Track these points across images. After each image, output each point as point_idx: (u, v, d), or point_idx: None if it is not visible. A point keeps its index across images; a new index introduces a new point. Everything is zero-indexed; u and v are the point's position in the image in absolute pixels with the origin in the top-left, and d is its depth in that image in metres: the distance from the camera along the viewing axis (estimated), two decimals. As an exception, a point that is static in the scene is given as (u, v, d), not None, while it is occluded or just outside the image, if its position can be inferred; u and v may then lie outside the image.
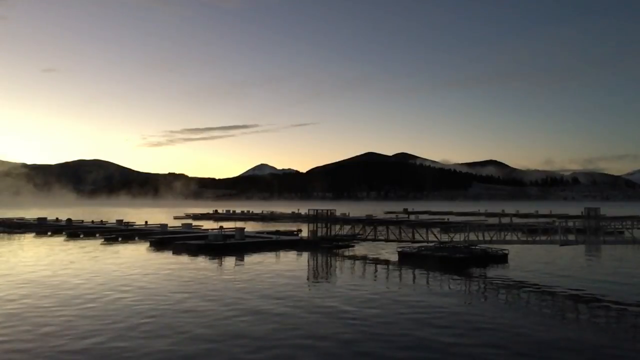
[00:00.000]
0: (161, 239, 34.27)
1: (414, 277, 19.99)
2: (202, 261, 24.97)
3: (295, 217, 77.97)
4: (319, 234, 32.73)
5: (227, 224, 49.64)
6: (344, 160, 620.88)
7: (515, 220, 60.44)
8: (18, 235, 43.33)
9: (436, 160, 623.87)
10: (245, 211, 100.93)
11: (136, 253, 28.83)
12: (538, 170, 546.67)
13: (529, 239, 24.59)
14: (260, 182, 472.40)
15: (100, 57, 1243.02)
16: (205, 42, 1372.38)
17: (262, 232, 41.55)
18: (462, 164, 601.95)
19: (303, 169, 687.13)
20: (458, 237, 27.76)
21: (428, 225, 33.41)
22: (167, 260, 25.51)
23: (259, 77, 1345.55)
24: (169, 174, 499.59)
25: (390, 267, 22.99)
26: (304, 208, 77.95)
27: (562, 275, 20.47)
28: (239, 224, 50.85)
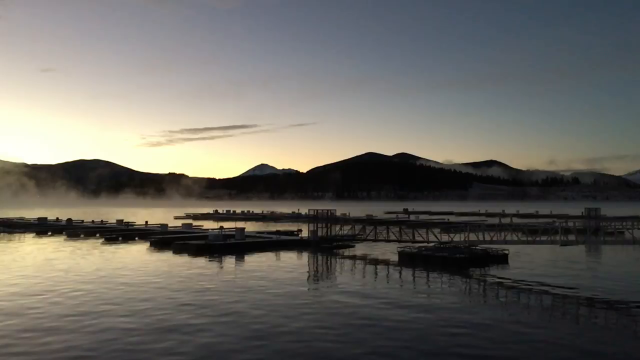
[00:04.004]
0: (161, 239, 34.25)
1: (414, 278, 19.97)
2: (202, 261, 24.96)
3: (295, 217, 77.96)
4: (319, 234, 32.72)
5: (227, 224, 49.62)
6: (344, 160, 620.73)
7: (516, 220, 60.43)
8: (18, 235, 43.34)
9: (438, 160, 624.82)
10: (246, 211, 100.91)
11: (136, 253, 28.83)
12: (539, 170, 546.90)
13: (530, 239, 24.57)
14: (260, 182, 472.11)
15: (99, 57, 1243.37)
16: (205, 42, 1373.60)
17: (263, 232, 41.54)
18: (464, 164, 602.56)
19: (303, 169, 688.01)
20: (458, 238, 27.74)
21: (428, 226, 33.37)
22: (167, 260, 25.49)
23: (258, 77, 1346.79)
24: (169, 174, 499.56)
25: (391, 267, 22.97)
26: (304, 208, 77.95)
27: (562, 275, 20.45)
28: (239, 224, 50.80)
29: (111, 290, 16.82)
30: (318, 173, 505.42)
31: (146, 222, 54.94)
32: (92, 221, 55.75)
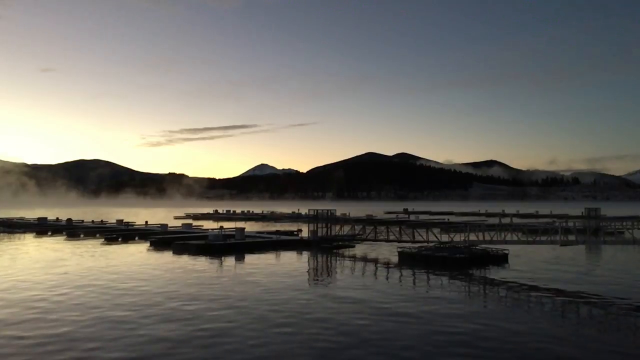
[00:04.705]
0: (161, 239, 34.25)
1: (414, 278, 19.97)
2: (202, 261, 24.95)
3: (295, 217, 77.96)
4: (319, 234, 32.71)
5: (227, 224, 49.60)
6: (344, 160, 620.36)
7: (516, 220, 60.42)
8: (18, 235, 43.34)
9: (439, 160, 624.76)
10: (245, 211, 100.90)
11: (136, 253, 28.81)
12: (539, 170, 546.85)
13: (530, 239, 24.56)
14: (261, 182, 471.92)
15: (99, 57, 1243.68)
16: (205, 42, 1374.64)
17: (262, 232, 41.54)
18: (465, 164, 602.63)
19: (303, 169, 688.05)
20: (458, 238, 27.73)
21: (428, 226, 33.35)
22: (167, 260, 25.49)
23: (258, 77, 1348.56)
24: (169, 174, 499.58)
25: (390, 267, 22.97)
26: (304, 208, 77.96)
27: (562, 275, 20.44)
28: (239, 224, 50.82)
29: (105, 290, 16.83)
30: (318, 173, 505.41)
31: (146, 222, 54.95)
32: (92, 221, 55.74)
